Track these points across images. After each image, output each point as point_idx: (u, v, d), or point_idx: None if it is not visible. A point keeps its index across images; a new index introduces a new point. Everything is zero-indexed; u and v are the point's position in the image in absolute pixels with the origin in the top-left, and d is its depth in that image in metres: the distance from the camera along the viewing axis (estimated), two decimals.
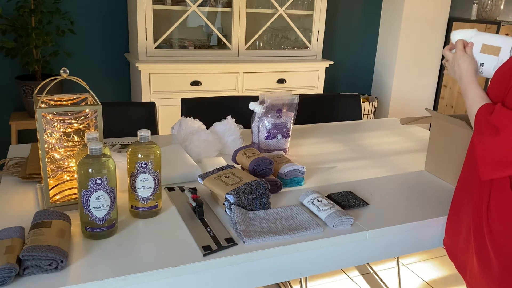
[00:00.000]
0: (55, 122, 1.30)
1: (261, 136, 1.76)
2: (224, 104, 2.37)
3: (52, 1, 3.10)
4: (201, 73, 3.18)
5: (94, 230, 1.13)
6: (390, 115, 4.31)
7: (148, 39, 3.10)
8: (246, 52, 3.43)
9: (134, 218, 1.26)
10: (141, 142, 1.23)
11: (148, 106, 2.24)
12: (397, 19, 4.13)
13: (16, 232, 1.09)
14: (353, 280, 2.44)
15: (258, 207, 1.30)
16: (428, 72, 4.40)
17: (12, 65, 3.14)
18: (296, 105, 1.82)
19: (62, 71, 1.25)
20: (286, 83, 3.47)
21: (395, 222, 1.30)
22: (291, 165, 1.51)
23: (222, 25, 3.61)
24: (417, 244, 1.37)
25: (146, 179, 1.23)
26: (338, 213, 1.26)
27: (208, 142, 1.71)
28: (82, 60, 3.35)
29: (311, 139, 2.07)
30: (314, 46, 3.65)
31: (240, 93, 3.33)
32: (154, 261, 1.06)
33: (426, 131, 2.26)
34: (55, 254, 0.98)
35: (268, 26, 3.50)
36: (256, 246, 1.14)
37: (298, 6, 3.60)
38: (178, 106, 2.87)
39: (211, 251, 1.10)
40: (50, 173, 1.30)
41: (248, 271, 1.15)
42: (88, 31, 3.31)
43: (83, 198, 1.10)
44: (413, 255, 2.69)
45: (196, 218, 1.27)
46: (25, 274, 0.98)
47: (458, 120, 1.49)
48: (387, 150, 1.96)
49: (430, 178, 1.65)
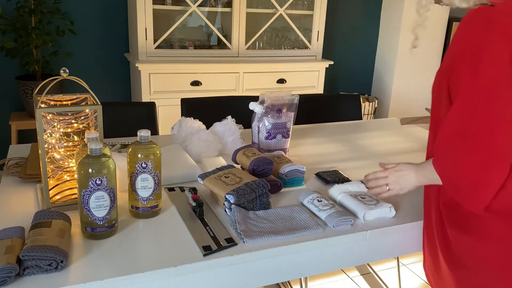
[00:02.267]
0: (55, 122, 1.30)
1: (261, 136, 1.76)
2: (224, 104, 2.37)
3: (52, 1, 3.10)
4: (201, 73, 3.18)
5: (94, 230, 1.13)
6: (390, 115, 4.31)
7: (148, 39, 3.10)
8: (246, 52, 3.43)
9: (134, 218, 1.26)
10: (141, 142, 1.23)
11: (148, 106, 2.24)
12: (397, 19, 4.13)
13: (16, 232, 1.09)
14: (353, 280, 2.44)
15: (258, 207, 1.30)
16: (428, 72, 4.40)
17: (12, 65, 3.14)
18: (296, 105, 1.82)
19: (62, 71, 1.25)
20: (286, 83, 3.47)
21: (395, 222, 1.30)
22: (291, 165, 1.51)
23: (222, 25, 3.60)
24: (417, 244, 1.37)
25: (146, 179, 1.23)
26: (338, 213, 1.26)
27: (208, 142, 1.71)
28: (82, 60, 3.35)
29: (311, 139, 2.07)
30: (314, 46, 3.65)
31: (240, 93, 3.33)
32: (154, 261, 1.06)
33: (426, 131, 2.26)
34: (55, 254, 0.98)
35: (268, 26, 3.50)
36: (256, 246, 1.14)
37: (298, 6, 3.60)
38: (178, 106, 2.86)
39: (211, 251, 1.10)
40: (50, 173, 1.30)
41: (248, 271, 1.15)
42: (88, 31, 3.31)
43: (83, 198, 1.10)
44: (413, 255, 2.69)
45: (196, 218, 1.27)
46: (25, 274, 0.98)
47: None
48: (387, 150, 1.96)
49: None
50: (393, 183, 1.26)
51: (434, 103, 1.18)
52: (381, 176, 1.29)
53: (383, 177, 1.29)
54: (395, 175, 1.26)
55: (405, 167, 1.25)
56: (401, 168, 1.25)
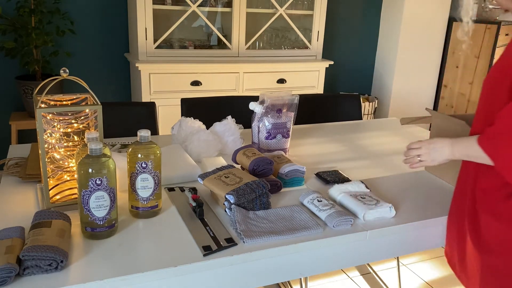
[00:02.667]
0: (55, 122, 1.30)
1: (261, 136, 1.76)
2: (224, 104, 2.37)
3: (52, 1, 3.10)
4: (201, 73, 3.18)
5: (94, 230, 1.13)
6: (390, 115, 4.31)
7: (148, 39, 3.10)
8: (246, 52, 3.43)
9: (134, 218, 1.26)
10: (141, 142, 1.23)
11: (148, 106, 2.24)
12: (397, 19, 4.13)
13: (16, 232, 1.09)
14: (353, 280, 2.44)
15: (258, 207, 1.30)
16: (428, 72, 4.40)
17: (12, 65, 3.14)
18: (296, 105, 1.82)
19: (62, 71, 1.25)
20: (286, 83, 3.47)
21: (395, 222, 1.30)
22: (291, 165, 1.51)
23: (222, 25, 3.61)
24: (417, 244, 1.37)
25: (146, 179, 1.23)
26: (338, 213, 1.26)
27: (208, 142, 1.71)
28: (82, 60, 3.35)
29: (311, 139, 2.07)
30: (314, 46, 3.65)
31: (240, 93, 3.33)
32: (154, 261, 1.06)
33: (426, 131, 2.26)
34: (55, 254, 0.98)
35: (268, 26, 3.50)
36: (256, 246, 1.14)
37: (298, 6, 3.60)
38: (178, 106, 2.87)
39: (211, 251, 1.10)
40: (50, 173, 1.30)
41: (248, 271, 1.15)
42: (88, 31, 3.31)
43: (83, 198, 1.10)
44: (413, 255, 2.69)
45: (196, 218, 1.27)
46: (25, 274, 0.98)
47: (458, 120, 1.48)
48: (387, 150, 1.96)
49: (430, 178, 1.65)
50: (425, 155, 1.30)
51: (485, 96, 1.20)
52: (413, 147, 1.33)
53: (415, 148, 1.32)
54: (427, 147, 1.29)
55: (439, 140, 1.27)
56: (434, 141, 1.28)
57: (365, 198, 1.36)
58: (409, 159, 1.35)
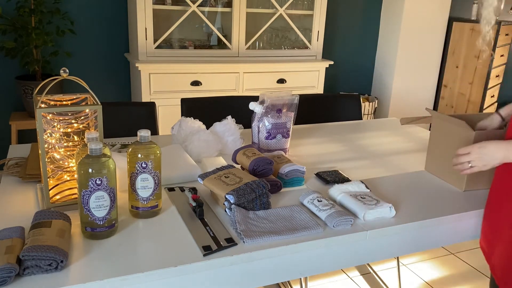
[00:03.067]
0: (55, 122, 1.30)
1: (261, 136, 1.76)
2: (224, 104, 2.37)
3: (52, 1, 3.10)
4: (201, 73, 3.18)
5: (94, 230, 1.13)
6: (390, 115, 4.31)
7: (148, 39, 3.10)
8: (246, 52, 3.43)
9: (134, 218, 1.26)
10: (141, 142, 1.23)
11: (148, 106, 2.24)
12: (397, 19, 4.13)
13: (16, 232, 1.09)
14: (353, 280, 2.44)
15: (258, 207, 1.30)
16: (428, 72, 4.40)
17: (12, 65, 3.14)
18: (296, 105, 1.82)
19: (62, 71, 1.25)
20: (286, 83, 3.47)
21: (395, 222, 1.30)
22: (291, 165, 1.51)
23: (222, 25, 3.60)
24: (417, 244, 1.37)
25: (146, 179, 1.23)
26: (338, 213, 1.26)
27: (208, 142, 1.71)
28: (82, 60, 3.35)
29: (311, 139, 2.07)
30: (314, 46, 3.65)
31: (240, 93, 3.33)
32: (154, 261, 1.06)
33: (426, 131, 2.26)
34: (55, 254, 0.98)
35: (268, 26, 3.50)
36: (256, 246, 1.14)
37: (298, 6, 3.60)
38: (178, 106, 2.87)
39: (211, 251, 1.10)
40: (50, 173, 1.30)
41: (248, 271, 1.15)
42: (88, 31, 3.31)
43: (83, 198, 1.10)
44: (413, 255, 2.69)
45: (196, 218, 1.27)
46: (25, 274, 0.98)
47: (458, 120, 1.48)
48: (387, 150, 1.96)
49: (430, 178, 1.65)
50: (476, 160, 1.25)
51: None
52: (463, 153, 1.28)
53: (465, 153, 1.28)
54: (478, 151, 1.25)
55: (491, 143, 1.23)
56: (485, 145, 1.24)
57: (365, 198, 1.36)
58: (458, 166, 1.30)
